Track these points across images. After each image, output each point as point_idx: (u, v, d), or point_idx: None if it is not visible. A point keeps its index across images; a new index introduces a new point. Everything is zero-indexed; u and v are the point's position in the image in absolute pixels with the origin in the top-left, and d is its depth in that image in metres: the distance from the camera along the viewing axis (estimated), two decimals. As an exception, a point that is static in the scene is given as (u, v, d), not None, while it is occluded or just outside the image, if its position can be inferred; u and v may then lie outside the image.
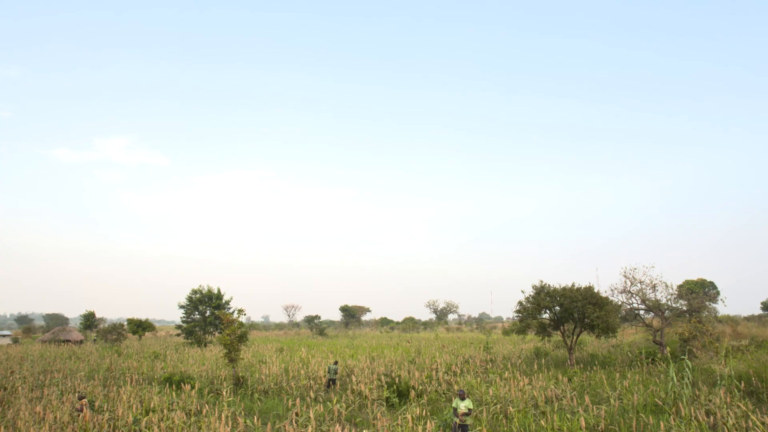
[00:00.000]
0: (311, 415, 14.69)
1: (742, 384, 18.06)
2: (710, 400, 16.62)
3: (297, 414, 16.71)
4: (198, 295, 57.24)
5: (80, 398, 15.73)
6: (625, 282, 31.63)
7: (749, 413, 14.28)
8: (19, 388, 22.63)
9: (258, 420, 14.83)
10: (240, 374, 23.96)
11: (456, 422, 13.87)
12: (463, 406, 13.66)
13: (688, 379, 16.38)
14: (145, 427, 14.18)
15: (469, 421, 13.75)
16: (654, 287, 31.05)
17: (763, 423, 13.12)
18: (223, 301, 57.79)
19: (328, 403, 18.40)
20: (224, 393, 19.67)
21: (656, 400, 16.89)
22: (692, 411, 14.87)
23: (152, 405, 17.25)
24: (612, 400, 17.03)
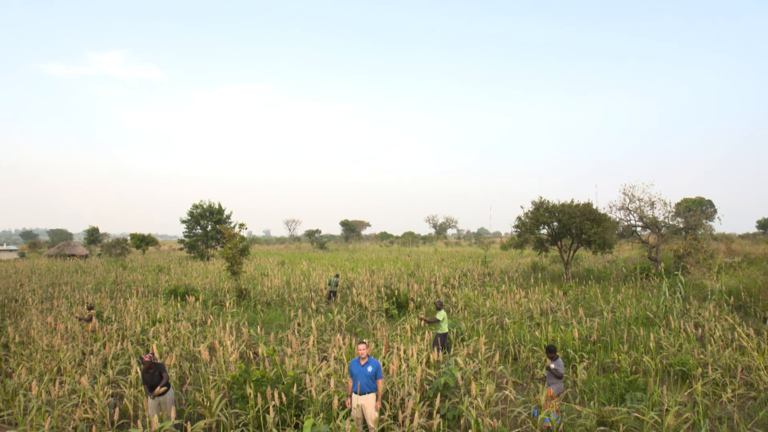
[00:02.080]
0: (313, 326, 15.17)
1: (732, 299, 18.54)
2: (700, 314, 17.13)
3: (299, 324, 17.25)
4: (199, 210, 57.64)
5: (89, 308, 16.17)
6: (624, 199, 31.72)
7: (735, 326, 14.76)
8: (30, 300, 23.27)
9: (261, 330, 15.32)
10: (243, 287, 24.53)
11: (435, 334, 14.19)
12: (438, 315, 13.97)
13: (680, 293, 16.78)
14: (153, 337, 14.67)
15: (444, 329, 13.97)
16: (652, 205, 31.18)
17: (747, 335, 13.58)
18: (224, 216, 58.27)
19: (329, 314, 18.95)
20: (228, 305, 20.21)
21: (648, 313, 17.39)
22: (682, 323, 15.35)
23: (158, 316, 17.78)
24: (605, 313, 17.54)
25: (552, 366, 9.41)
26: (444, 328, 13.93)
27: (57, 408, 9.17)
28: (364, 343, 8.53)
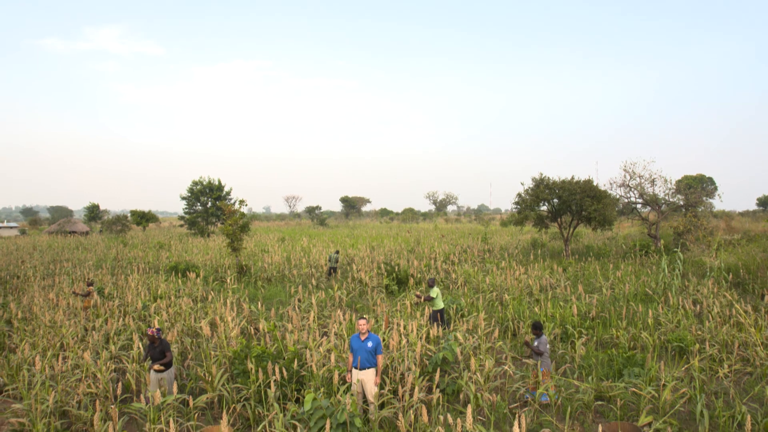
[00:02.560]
0: (313, 301, 15.24)
1: (730, 276, 18.61)
2: (698, 291, 17.22)
3: (299, 300, 17.35)
4: (199, 187, 57.55)
5: (89, 284, 16.23)
6: (625, 176, 31.64)
7: (733, 302, 14.84)
8: (31, 276, 23.37)
9: (262, 306, 15.41)
10: (243, 263, 24.62)
11: (432, 310, 14.26)
12: (432, 293, 14.04)
13: (679, 270, 16.84)
14: (154, 313, 14.77)
15: (439, 305, 14.05)
16: (653, 182, 31.11)
17: (745, 311, 13.67)
18: (224, 192, 58.22)
19: (329, 290, 19.04)
20: (228, 281, 20.30)
21: (647, 289, 17.48)
22: (680, 300, 15.43)
23: (159, 292, 17.88)
24: (604, 290, 17.63)
25: (535, 343, 9.48)
26: (438, 304, 14.01)
27: (61, 382, 9.27)
28: (365, 318, 8.58)
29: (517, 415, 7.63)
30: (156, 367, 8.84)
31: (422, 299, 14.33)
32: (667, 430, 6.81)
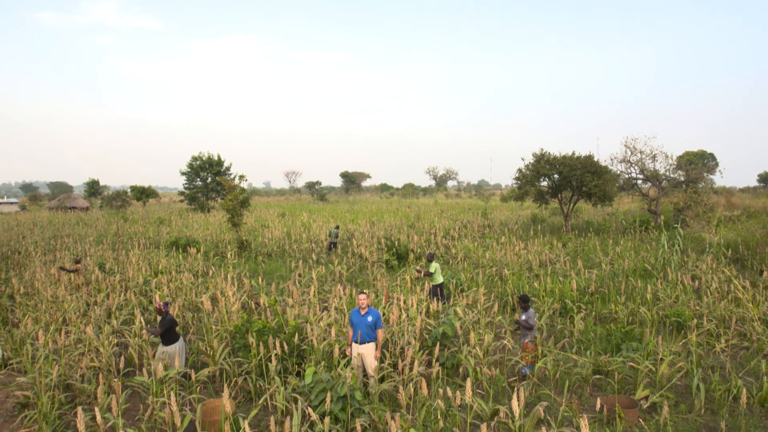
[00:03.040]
0: (313, 276, 15.32)
1: (729, 251, 18.65)
2: (697, 266, 17.28)
3: (300, 275, 17.43)
4: (198, 162, 57.35)
5: (77, 261, 16.15)
6: (626, 151, 31.53)
7: (732, 278, 14.90)
8: (33, 252, 23.43)
9: (262, 281, 15.48)
10: (243, 238, 24.66)
11: (431, 285, 14.33)
12: (431, 268, 14.09)
13: (679, 246, 16.87)
14: (155, 288, 14.84)
15: (438, 279, 14.11)
16: (654, 157, 31.01)
17: (743, 287, 13.73)
18: (224, 168, 58.05)
19: (329, 265, 19.11)
20: (229, 256, 20.36)
21: (646, 265, 17.54)
22: (679, 275, 15.50)
23: (160, 267, 17.94)
24: (603, 265, 17.69)
25: (523, 318, 9.53)
26: (438, 279, 14.07)
27: (64, 356, 9.36)
28: (365, 293, 8.62)
29: (515, 389, 7.72)
30: (144, 333, 8.90)
31: (422, 274, 14.39)
32: (664, 404, 6.89)
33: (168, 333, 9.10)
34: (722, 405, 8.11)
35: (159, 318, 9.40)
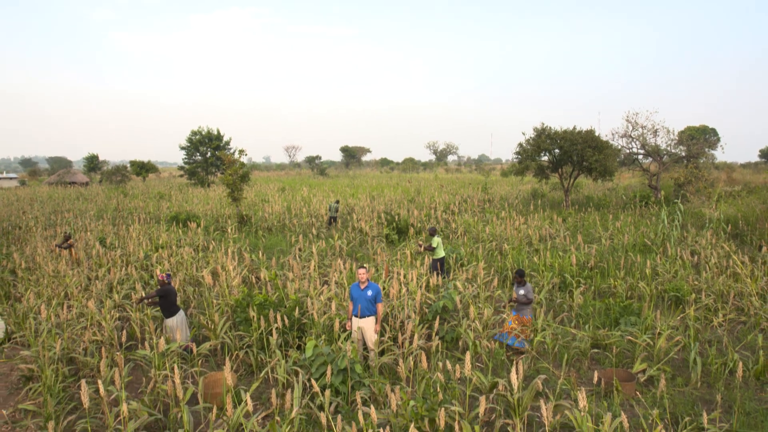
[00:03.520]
0: (314, 251, 15.35)
1: (729, 227, 18.66)
2: (696, 241, 17.31)
3: (300, 249, 17.48)
4: (198, 137, 57.04)
5: (67, 238, 16.11)
6: (627, 126, 31.37)
7: (731, 253, 14.95)
8: (33, 227, 23.45)
9: (263, 255, 15.52)
10: (243, 213, 24.67)
11: (432, 259, 14.38)
12: (433, 242, 14.11)
13: (678, 221, 16.88)
14: (156, 262, 14.89)
15: (440, 254, 14.15)
16: (655, 132, 30.85)
17: (742, 262, 13.77)
18: (223, 142, 57.77)
19: (329, 239, 19.15)
20: (229, 230, 20.39)
21: (645, 240, 17.57)
22: (678, 251, 15.53)
23: (161, 242, 17.97)
24: (603, 240, 17.73)
25: (521, 292, 9.54)
26: (439, 253, 14.10)
27: (66, 330, 9.44)
28: (365, 267, 8.64)
29: (514, 362, 7.79)
30: (134, 297, 8.96)
31: (423, 248, 14.44)
32: (661, 377, 6.97)
33: (167, 304, 9.11)
34: (718, 378, 8.20)
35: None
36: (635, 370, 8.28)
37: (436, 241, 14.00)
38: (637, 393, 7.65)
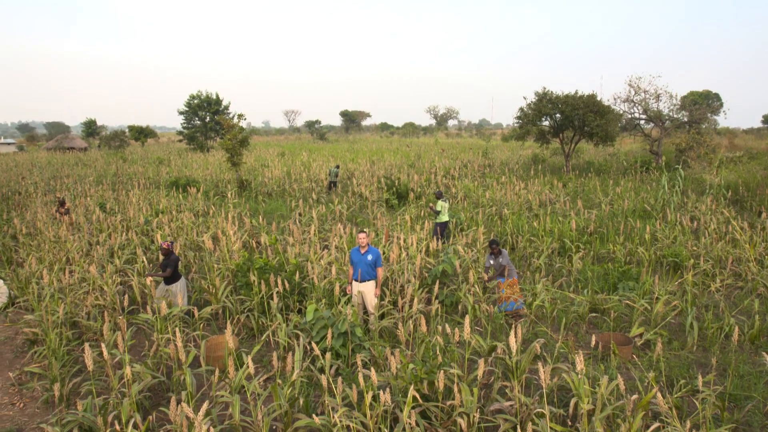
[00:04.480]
0: (314, 215, 15.36)
1: (729, 193, 18.64)
2: (696, 207, 17.31)
3: (300, 214, 17.49)
4: (197, 101, 56.49)
5: (61, 204, 16.05)
6: (629, 91, 31.00)
7: (731, 219, 14.96)
8: (33, 192, 23.41)
9: (263, 220, 15.54)
10: (243, 178, 24.60)
11: (434, 223, 14.43)
12: (438, 206, 14.12)
13: (679, 187, 16.85)
14: (157, 227, 14.91)
15: (444, 218, 14.18)
16: (658, 97, 30.50)
17: (741, 228, 13.80)
18: (222, 107, 57.23)
19: (329, 204, 19.16)
20: (229, 195, 20.37)
21: (645, 206, 17.57)
22: (678, 216, 15.54)
23: (161, 207, 17.97)
24: (603, 205, 17.72)
25: (500, 260, 9.59)
26: (443, 217, 14.11)
27: (69, 295, 9.50)
28: (365, 232, 8.66)
29: (513, 325, 7.88)
30: (149, 279, 9.02)
31: (430, 208, 14.48)
32: (657, 341, 7.05)
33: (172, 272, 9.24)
34: (714, 342, 8.30)
35: (162, 257, 9.47)
36: (632, 334, 8.37)
37: (441, 205, 13.99)
38: (634, 356, 7.75)
